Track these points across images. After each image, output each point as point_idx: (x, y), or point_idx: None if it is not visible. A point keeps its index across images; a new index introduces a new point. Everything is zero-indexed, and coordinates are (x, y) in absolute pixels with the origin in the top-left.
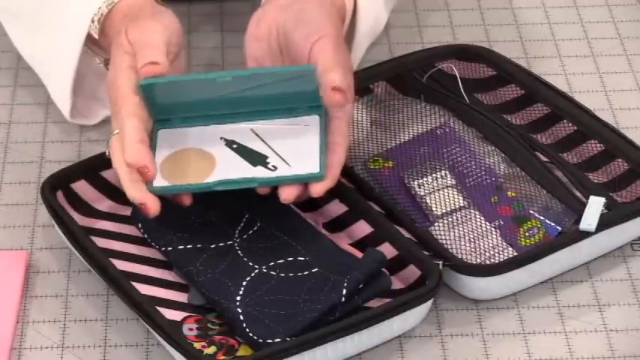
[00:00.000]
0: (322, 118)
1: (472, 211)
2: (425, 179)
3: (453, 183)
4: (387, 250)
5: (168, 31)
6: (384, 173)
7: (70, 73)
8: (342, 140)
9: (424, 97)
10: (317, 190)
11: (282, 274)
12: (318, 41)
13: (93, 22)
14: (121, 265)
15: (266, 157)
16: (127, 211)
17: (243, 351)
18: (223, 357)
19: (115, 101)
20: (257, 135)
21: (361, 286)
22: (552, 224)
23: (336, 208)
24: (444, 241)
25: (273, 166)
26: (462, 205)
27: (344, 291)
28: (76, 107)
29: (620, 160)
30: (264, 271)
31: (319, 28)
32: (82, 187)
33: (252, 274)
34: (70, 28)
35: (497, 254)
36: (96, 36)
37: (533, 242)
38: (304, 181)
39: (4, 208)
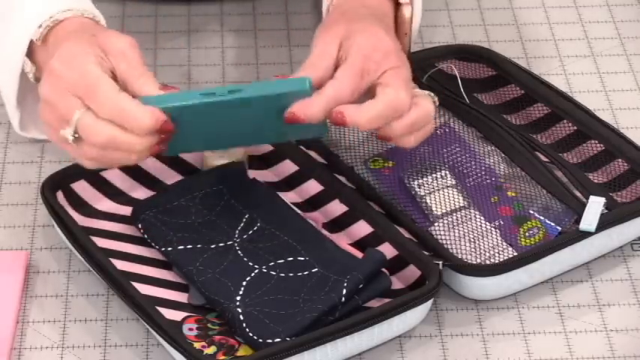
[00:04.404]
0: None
1: (472, 211)
2: (425, 179)
3: (453, 183)
4: (387, 250)
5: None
6: (384, 173)
7: (13, 86)
8: (337, 82)
9: None
10: (299, 108)
11: (282, 274)
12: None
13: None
14: (121, 265)
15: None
16: (127, 211)
17: (243, 351)
18: (223, 357)
19: (86, 85)
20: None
21: (361, 286)
22: (552, 224)
23: (336, 208)
24: (444, 241)
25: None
26: (462, 205)
27: (344, 291)
28: (31, 120)
29: (620, 160)
30: (264, 271)
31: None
32: (82, 187)
33: (252, 274)
34: (9, 46)
35: (497, 254)
36: (38, 43)
37: (533, 242)
38: (290, 94)
39: (4, 208)
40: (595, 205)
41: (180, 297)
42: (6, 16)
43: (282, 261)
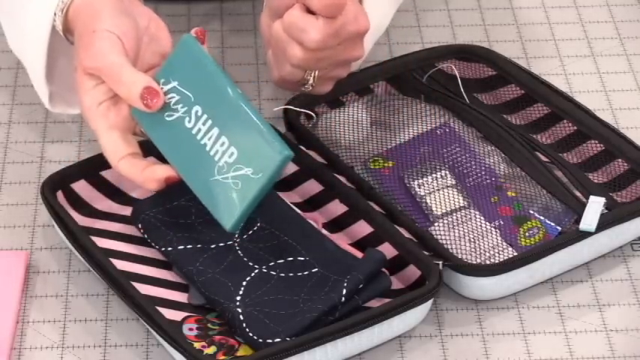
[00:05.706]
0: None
1: (472, 211)
2: (425, 179)
3: (453, 183)
4: (387, 250)
5: (116, 35)
6: (384, 173)
7: (41, 60)
8: None
9: (424, 97)
10: None
11: (282, 274)
12: None
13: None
14: (121, 265)
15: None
16: (127, 211)
17: (243, 351)
18: (223, 357)
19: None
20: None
21: (361, 286)
22: (552, 224)
23: (336, 208)
24: (444, 241)
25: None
26: (462, 205)
27: (344, 291)
28: (59, 95)
29: (620, 160)
30: (264, 271)
31: None
32: (82, 187)
33: (252, 274)
34: (35, 15)
35: (497, 254)
36: (59, 26)
37: (533, 242)
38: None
39: (4, 208)
40: (595, 205)
41: (180, 297)
42: None
43: (282, 261)
